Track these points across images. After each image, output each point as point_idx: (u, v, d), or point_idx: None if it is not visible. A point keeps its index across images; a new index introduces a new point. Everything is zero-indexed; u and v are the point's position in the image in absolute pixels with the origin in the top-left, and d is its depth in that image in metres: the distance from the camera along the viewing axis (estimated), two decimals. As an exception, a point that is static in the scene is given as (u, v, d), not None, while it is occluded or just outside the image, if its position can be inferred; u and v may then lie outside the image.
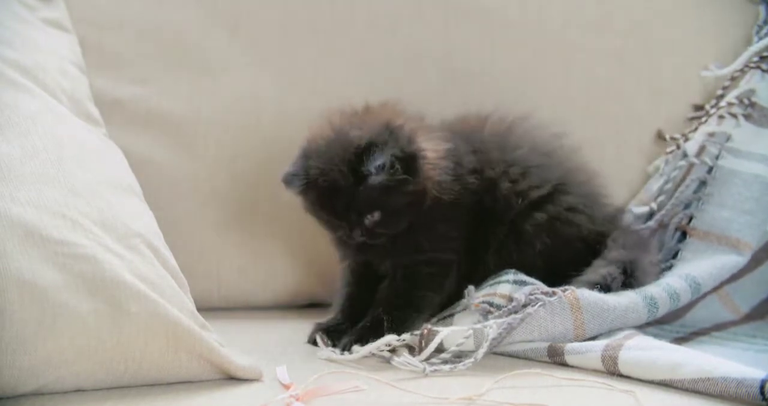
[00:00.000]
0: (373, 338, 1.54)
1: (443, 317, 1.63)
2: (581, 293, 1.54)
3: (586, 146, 1.92)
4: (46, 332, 1.25)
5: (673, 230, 1.88)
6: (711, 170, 1.90)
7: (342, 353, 1.54)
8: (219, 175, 1.89)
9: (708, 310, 1.78)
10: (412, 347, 1.51)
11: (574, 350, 1.47)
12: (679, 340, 1.68)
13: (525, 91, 2.01)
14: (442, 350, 1.48)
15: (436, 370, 1.43)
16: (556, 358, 1.48)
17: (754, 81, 2.00)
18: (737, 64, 2.04)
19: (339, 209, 1.60)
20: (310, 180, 1.59)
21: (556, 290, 1.54)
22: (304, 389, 1.30)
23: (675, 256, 1.84)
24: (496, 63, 2.01)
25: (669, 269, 1.81)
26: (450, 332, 1.49)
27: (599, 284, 1.60)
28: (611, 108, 2.04)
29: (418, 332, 1.51)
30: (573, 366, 1.46)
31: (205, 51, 1.92)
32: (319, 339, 1.61)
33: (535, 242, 1.68)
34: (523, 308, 1.53)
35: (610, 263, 1.66)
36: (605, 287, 1.60)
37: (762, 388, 1.27)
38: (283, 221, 1.88)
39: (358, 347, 1.53)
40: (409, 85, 1.97)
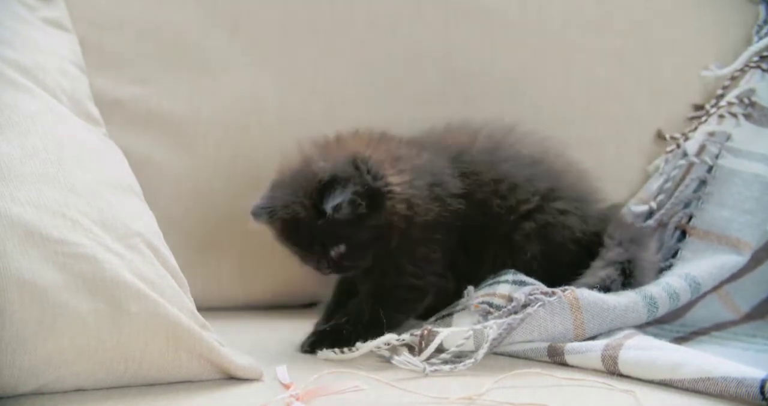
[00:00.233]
0: (330, 344, 1.55)
1: (442, 316, 1.63)
2: (581, 293, 1.54)
3: (586, 146, 1.93)
4: (46, 331, 1.25)
5: (673, 229, 1.87)
6: (711, 169, 1.90)
7: (342, 352, 1.54)
8: (219, 175, 1.89)
9: (708, 309, 1.78)
10: (411, 347, 1.51)
11: (574, 349, 1.47)
12: (679, 339, 1.68)
13: (525, 91, 2.01)
14: (442, 351, 1.48)
15: (436, 370, 1.43)
16: (556, 358, 1.48)
17: (754, 81, 2.00)
18: (737, 64, 2.04)
19: (304, 242, 1.60)
20: (274, 212, 1.58)
21: (556, 290, 1.54)
22: (304, 388, 1.30)
23: (674, 255, 1.84)
24: (496, 63, 2.01)
25: (668, 268, 1.80)
26: (450, 333, 1.49)
27: (598, 287, 1.59)
28: (611, 108, 2.04)
29: (418, 332, 1.51)
30: (573, 366, 1.46)
31: (205, 51, 1.92)
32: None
33: (526, 250, 1.68)
34: (523, 308, 1.53)
35: (608, 264, 1.65)
36: (604, 288, 1.60)
37: (762, 388, 1.27)
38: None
39: (360, 344, 1.53)
40: (409, 86, 1.97)
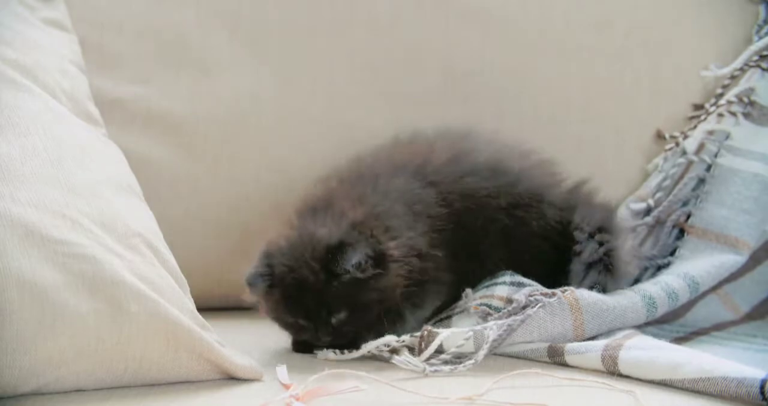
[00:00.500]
0: None
1: (440, 319, 1.63)
2: (580, 294, 1.55)
3: (586, 145, 1.94)
4: (46, 331, 1.25)
5: (671, 227, 1.87)
6: (710, 168, 1.90)
7: (342, 353, 1.54)
8: (219, 174, 1.89)
9: (708, 309, 1.78)
10: (411, 348, 1.51)
11: (574, 350, 1.47)
12: (679, 339, 1.68)
13: (525, 90, 2.01)
14: (442, 352, 1.48)
15: (436, 370, 1.43)
16: (556, 358, 1.48)
17: (754, 80, 2.00)
18: (737, 63, 2.03)
19: (307, 308, 1.55)
20: (276, 279, 1.55)
21: (556, 291, 1.54)
22: (304, 389, 1.30)
23: (673, 253, 1.84)
24: (496, 63, 2.01)
25: (666, 266, 1.81)
26: (450, 334, 1.49)
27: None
28: (611, 107, 2.04)
29: (418, 333, 1.51)
30: (573, 366, 1.46)
31: (205, 51, 1.92)
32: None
33: (493, 257, 1.67)
34: (523, 309, 1.53)
35: (587, 268, 1.66)
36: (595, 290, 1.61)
37: (762, 388, 1.27)
38: (285, 218, 1.88)
39: (365, 346, 1.53)
40: (409, 86, 1.97)
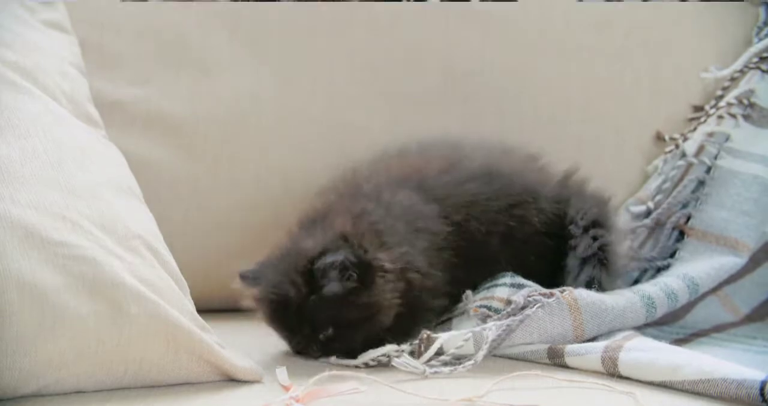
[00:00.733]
0: None
1: (441, 322, 1.63)
2: (579, 293, 1.55)
3: (586, 146, 1.94)
4: (46, 333, 1.25)
5: (671, 229, 1.87)
6: (710, 170, 1.90)
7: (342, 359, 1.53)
8: (219, 176, 1.89)
9: (708, 311, 1.78)
10: (411, 352, 1.50)
11: (574, 351, 1.47)
12: (679, 341, 1.68)
13: (525, 91, 2.01)
14: (441, 354, 1.48)
15: (436, 372, 1.43)
16: (556, 360, 1.48)
17: (753, 82, 2.00)
18: (737, 65, 2.04)
19: (292, 325, 1.55)
20: (263, 292, 1.56)
21: (554, 292, 1.54)
22: (304, 390, 1.29)
23: (672, 255, 1.84)
24: (496, 63, 2.01)
25: (666, 268, 1.81)
26: (449, 336, 1.49)
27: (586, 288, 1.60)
28: (611, 108, 2.04)
29: (417, 340, 1.50)
30: (573, 368, 1.46)
31: (205, 52, 1.92)
32: None
33: (499, 258, 1.67)
34: (522, 310, 1.53)
35: (583, 263, 1.66)
36: (591, 286, 1.62)
37: (762, 389, 1.27)
38: (284, 222, 1.87)
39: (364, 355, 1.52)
40: (409, 86, 1.97)
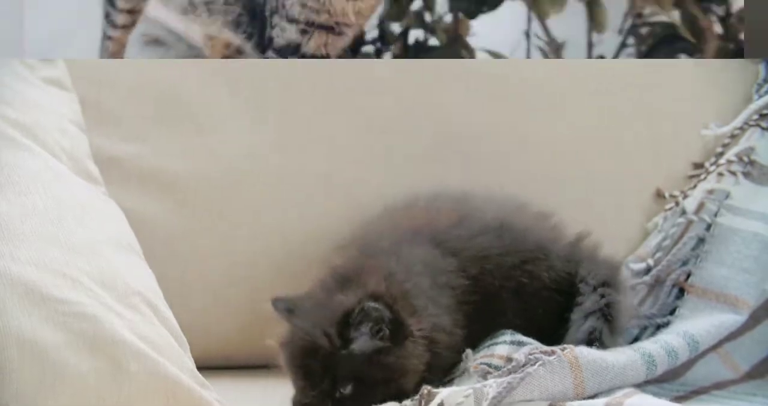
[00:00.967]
0: None
1: (443, 383, 1.60)
2: (580, 351, 1.54)
3: (586, 204, 1.93)
4: (47, 390, 1.25)
5: (670, 287, 1.87)
6: (710, 228, 1.90)
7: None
8: (216, 233, 1.88)
9: (708, 368, 1.77)
10: (412, 409, 1.50)
11: (574, 408, 1.47)
12: (679, 398, 1.67)
13: (523, 149, 2.01)
14: (441, 411, 1.48)
15: (435, 428, 1.43)
16: (556, 417, 1.48)
17: (753, 139, 2.00)
18: (737, 122, 2.04)
19: (313, 375, 1.53)
20: (289, 335, 1.56)
21: (555, 349, 1.54)
22: (302, 449, 1.30)
23: (672, 312, 1.84)
24: (493, 122, 2.00)
25: (666, 325, 1.81)
26: (450, 392, 1.48)
27: (587, 342, 1.61)
28: (610, 166, 2.04)
29: (418, 395, 1.50)
30: (573, 425, 1.46)
31: (203, 108, 1.92)
32: None
33: (506, 311, 1.68)
34: (523, 367, 1.53)
35: (588, 314, 1.67)
36: (593, 341, 1.62)
37: (761, 447, 1.28)
38: (284, 277, 1.88)
39: None
40: (408, 146, 1.96)
